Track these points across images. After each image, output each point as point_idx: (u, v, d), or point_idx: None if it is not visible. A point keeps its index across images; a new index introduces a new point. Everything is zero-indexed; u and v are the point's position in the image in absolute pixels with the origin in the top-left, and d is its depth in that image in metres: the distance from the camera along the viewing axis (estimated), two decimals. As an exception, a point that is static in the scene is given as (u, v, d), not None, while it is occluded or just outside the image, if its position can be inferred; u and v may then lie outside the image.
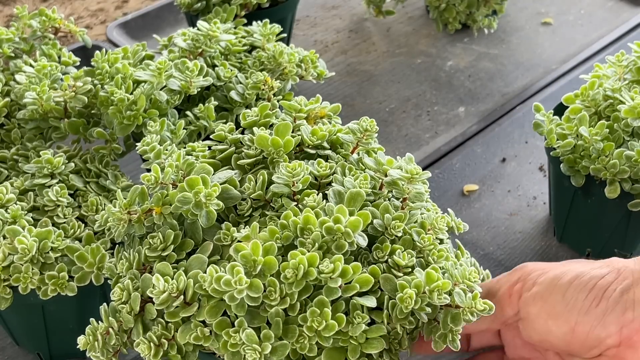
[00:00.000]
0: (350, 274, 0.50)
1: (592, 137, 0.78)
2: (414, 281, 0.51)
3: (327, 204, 0.54)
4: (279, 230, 0.53)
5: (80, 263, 0.63)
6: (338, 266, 0.50)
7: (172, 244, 0.55)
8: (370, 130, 0.62)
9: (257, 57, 0.89)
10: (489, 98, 1.19)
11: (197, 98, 0.86)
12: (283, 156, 0.59)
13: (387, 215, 0.56)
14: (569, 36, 1.32)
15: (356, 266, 0.51)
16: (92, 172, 0.76)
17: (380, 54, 1.30)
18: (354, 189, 0.56)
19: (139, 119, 0.76)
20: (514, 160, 1.07)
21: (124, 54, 0.87)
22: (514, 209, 0.99)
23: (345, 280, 0.50)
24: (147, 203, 0.57)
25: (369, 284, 0.51)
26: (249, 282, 0.49)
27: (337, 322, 0.49)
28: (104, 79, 0.82)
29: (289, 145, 0.59)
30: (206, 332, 0.51)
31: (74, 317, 0.74)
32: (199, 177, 0.55)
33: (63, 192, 0.71)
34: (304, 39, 1.34)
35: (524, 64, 1.26)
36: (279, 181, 0.56)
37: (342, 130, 0.64)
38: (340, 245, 0.52)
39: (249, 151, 0.61)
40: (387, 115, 1.17)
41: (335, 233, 0.51)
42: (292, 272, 0.49)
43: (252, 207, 0.58)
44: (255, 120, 0.64)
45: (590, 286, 0.52)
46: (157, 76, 0.78)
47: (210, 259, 0.54)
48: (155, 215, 0.56)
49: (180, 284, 0.51)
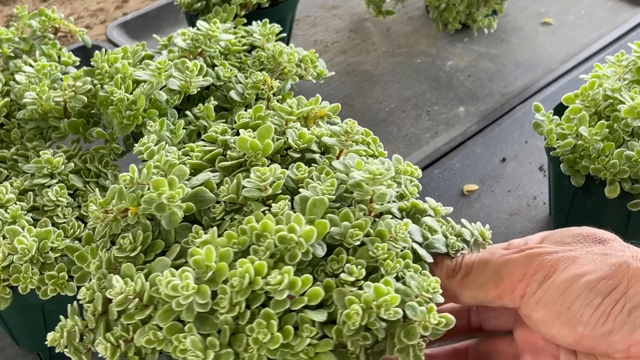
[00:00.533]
0: (298, 286, 0.48)
1: (592, 137, 0.77)
2: (363, 296, 0.49)
3: (287, 212, 0.53)
4: (236, 236, 0.52)
5: (80, 263, 0.63)
6: (285, 278, 0.48)
7: (141, 245, 0.54)
8: (351, 132, 0.60)
9: (257, 56, 0.89)
10: (489, 98, 1.18)
11: (197, 98, 0.86)
12: (262, 159, 0.58)
13: (345, 223, 0.53)
14: (569, 36, 1.32)
15: (306, 279, 0.49)
16: (91, 172, 0.76)
17: (380, 54, 1.30)
18: (317, 196, 0.54)
19: (138, 118, 0.76)
20: (514, 160, 1.07)
21: (123, 54, 0.87)
22: (514, 208, 0.99)
23: (295, 292, 0.49)
24: (124, 203, 0.56)
25: (318, 298, 0.49)
26: (196, 288, 0.48)
27: (283, 335, 0.48)
28: (104, 79, 0.82)
29: (268, 148, 0.58)
30: (160, 335, 0.50)
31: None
32: (166, 179, 0.54)
33: (63, 192, 0.71)
34: (304, 39, 1.34)
35: (524, 64, 1.26)
36: (249, 185, 0.55)
37: (326, 133, 0.62)
38: (293, 255, 0.50)
39: (232, 153, 0.60)
40: (387, 115, 1.16)
41: (289, 242, 0.50)
42: (238, 280, 0.48)
43: (225, 210, 0.56)
44: (247, 122, 0.64)
45: (596, 303, 0.49)
46: (157, 76, 0.78)
47: (176, 262, 0.53)
48: (130, 215, 0.56)
49: (137, 287, 0.50)
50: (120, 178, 0.56)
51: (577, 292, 0.49)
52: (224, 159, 0.60)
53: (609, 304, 0.49)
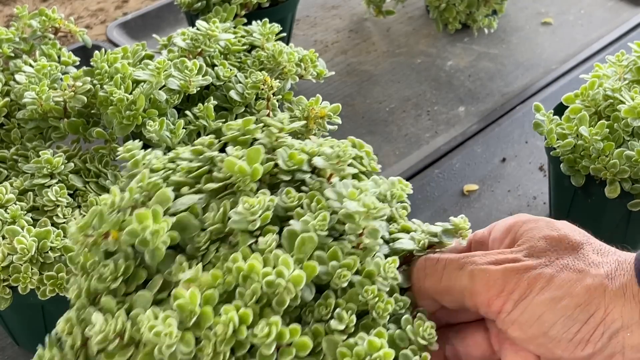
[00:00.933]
0: (286, 338, 0.47)
1: (592, 136, 0.77)
2: (355, 349, 0.47)
3: (275, 251, 0.50)
4: (222, 275, 0.49)
5: (72, 265, 0.62)
6: (273, 330, 0.46)
7: (123, 275, 0.52)
8: (342, 157, 0.56)
9: (257, 56, 0.88)
10: (489, 98, 1.18)
11: (197, 97, 0.85)
12: (249, 185, 0.55)
13: (333, 263, 0.51)
14: (568, 36, 1.32)
15: (294, 330, 0.47)
16: (91, 172, 0.76)
17: (380, 54, 1.30)
18: (306, 233, 0.51)
19: (138, 118, 0.76)
20: (514, 160, 1.07)
21: (123, 54, 0.87)
22: (514, 208, 0.99)
23: (282, 342, 0.47)
24: (105, 226, 0.52)
25: (307, 349, 0.47)
26: (179, 336, 0.46)
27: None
28: (103, 79, 0.82)
29: (256, 174, 0.55)
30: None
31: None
32: (150, 210, 0.51)
33: (62, 192, 0.71)
34: (304, 38, 1.34)
35: (524, 64, 1.26)
36: (236, 217, 0.52)
37: (318, 152, 0.59)
38: (281, 300, 0.48)
39: (218, 174, 0.57)
40: (387, 115, 1.16)
41: (277, 287, 0.48)
42: (222, 328, 0.46)
43: (210, 240, 0.53)
44: (235, 136, 0.60)
45: (574, 330, 0.49)
46: (157, 76, 0.78)
47: (158, 296, 0.51)
48: (111, 240, 0.52)
49: (118, 326, 0.48)
50: (101, 201, 0.53)
51: (553, 319, 0.49)
52: (210, 178, 0.57)
53: (587, 331, 0.49)
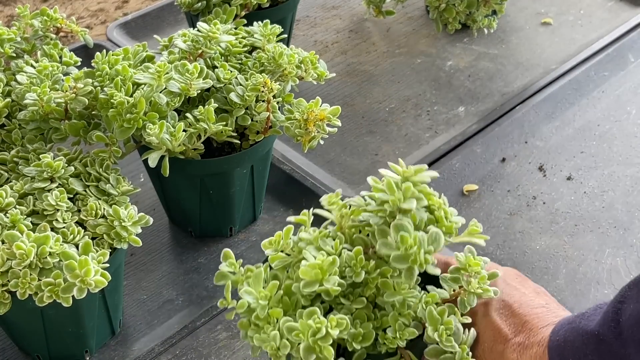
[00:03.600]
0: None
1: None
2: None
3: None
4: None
5: (67, 272, 0.61)
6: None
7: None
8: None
9: (257, 58, 0.88)
10: (489, 98, 1.17)
11: (197, 100, 0.85)
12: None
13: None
14: (568, 36, 1.31)
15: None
16: (92, 175, 0.75)
17: (380, 54, 1.29)
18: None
19: (138, 122, 0.75)
20: (514, 160, 1.06)
21: (124, 55, 0.86)
22: (513, 208, 0.98)
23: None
24: None
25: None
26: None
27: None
28: (104, 81, 0.81)
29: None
30: None
31: (73, 321, 0.73)
32: None
33: (62, 197, 0.70)
34: (304, 39, 1.33)
35: (524, 64, 1.25)
36: None
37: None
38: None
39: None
40: (387, 115, 1.15)
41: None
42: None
43: None
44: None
45: None
46: (157, 79, 0.77)
47: None
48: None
49: None
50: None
51: None
52: None
53: None
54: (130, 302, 0.86)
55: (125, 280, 0.88)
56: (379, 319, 0.60)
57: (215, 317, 0.84)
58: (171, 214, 0.96)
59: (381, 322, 0.60)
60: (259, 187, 0.93)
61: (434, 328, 0.59)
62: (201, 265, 0.91)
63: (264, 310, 0.57)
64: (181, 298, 0.87)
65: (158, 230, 0.96)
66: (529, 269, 0.90)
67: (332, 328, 0.54)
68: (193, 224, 0.93)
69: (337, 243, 0.60)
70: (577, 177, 1.03)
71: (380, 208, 0.58)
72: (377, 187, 0.59)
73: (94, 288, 0.63)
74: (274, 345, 0.56)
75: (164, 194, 0.92)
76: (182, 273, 0.90)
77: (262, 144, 0.86)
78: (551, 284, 0.88)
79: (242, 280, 0.61)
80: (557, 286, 0.88)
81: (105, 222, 0.71)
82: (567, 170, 1.04)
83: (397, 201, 0.57)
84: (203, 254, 0.93)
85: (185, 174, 0.85)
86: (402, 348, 0.60)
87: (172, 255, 0.93)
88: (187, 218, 0.93)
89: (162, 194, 0.93)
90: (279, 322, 0.56)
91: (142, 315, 0.85)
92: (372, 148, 1.09)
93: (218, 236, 0.95)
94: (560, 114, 1.14)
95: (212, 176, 0.86)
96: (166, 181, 0.85)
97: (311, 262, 0.56)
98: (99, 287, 0.64)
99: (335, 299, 0.59)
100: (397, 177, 0.59)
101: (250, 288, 0.58)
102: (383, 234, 0.58)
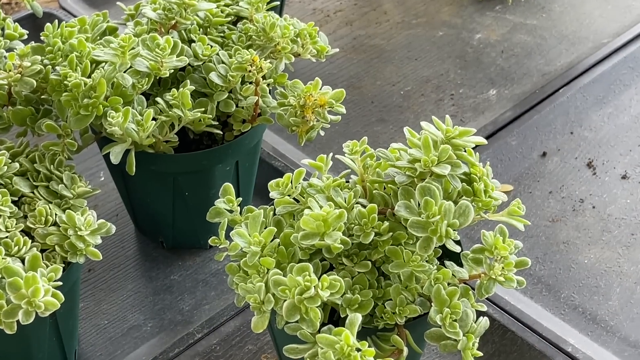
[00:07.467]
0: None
1: None
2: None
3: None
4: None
5: (10, 293, 0.61)
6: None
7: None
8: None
9: (244, 30, 0.88)
10: (526, 79, 1.18)
11: (170, 81, 0.85)
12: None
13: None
14: (623, 3, 1.31)
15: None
16: (41, 174, 0.75)
17: (393, 25, 1.29)
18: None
19: (98, 108, 0.75)
20: (557, 154, 1.06)
21: (80, 27, 0.86)
22: (556, 214, 0.98)
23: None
24: None
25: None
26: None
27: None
28: (56, 58, 0.81)
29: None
30: None
31: (18, 351, 0.74)
32: None
33: (5, 200, 0.70)
34: (300, 7, 1.34)
35: (569, 37, 1.25)
36: None
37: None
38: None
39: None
40: (401, 99, 1.16)
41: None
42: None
43: None
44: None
45: None
46: (121, 55, 0.77)
47: None
48: None
49: None
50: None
51: None
52: None
53: None
54: (88, 329, 0.87)
55: (82, 301, 0.88)
56: (382, 289, 0.63)
57: (192, 346, 0.84)
58: (138, 220, 0.96)
59: (383, 292, 0.63)
60: (245, 187, 0.93)
61: (438, 309, 0.61)
62: (174, 283, 0.91)
63: (254, 257, 0.61)
64: (150, 323, 0.87)
65: (122, 240, 0.96)
66: (575, 288, 0.90)
67: (322, 289, 0.57)
68: (165, 232, 0.94)
69: (351, 196, 0.64)
70: (634, 176, 1.03)
71: (410, 166, 0.62)
72: (412, 141, 0.62)
73: (43, 311, 0.63)
74: (257, 298, 0.59)
75: (130, 197, 0.92)
76: (151, 293, 0.91)
77: (248, 135, 0.86)
78: (602, 306, 0.88)
79: (240, 220, 0.65)
80: (609, 308, 0.88)
81: (57, 230, 0.71)
82: (621, 168, 1.04)
83: (430, 162, 0.60)
84: (177, 269, 0.93)
85: (155, 172, 0.85)
86: (400, 325, 0.62)
87: (140, 271, 0.93)
88: (158, 226, 0.93)
89: (127, 197, 0.93)
90: (269, 273, 0.60)
91: (103, 344, 0.85)
92: (384, 139, 1.10)
93: (195, 248, 0.95)
94: (613, 99, 1.14)
95: (188, 174, 0.86)
96: (132, 181, 0.86)
97: (315, 212, 0.58)
98: (49, 310, 0.63)
99: (337, 257, 0.63)
100: (439, 135, 0.61)
101: (244, 231, 0.62)
102: (407, 195, 0.62)
